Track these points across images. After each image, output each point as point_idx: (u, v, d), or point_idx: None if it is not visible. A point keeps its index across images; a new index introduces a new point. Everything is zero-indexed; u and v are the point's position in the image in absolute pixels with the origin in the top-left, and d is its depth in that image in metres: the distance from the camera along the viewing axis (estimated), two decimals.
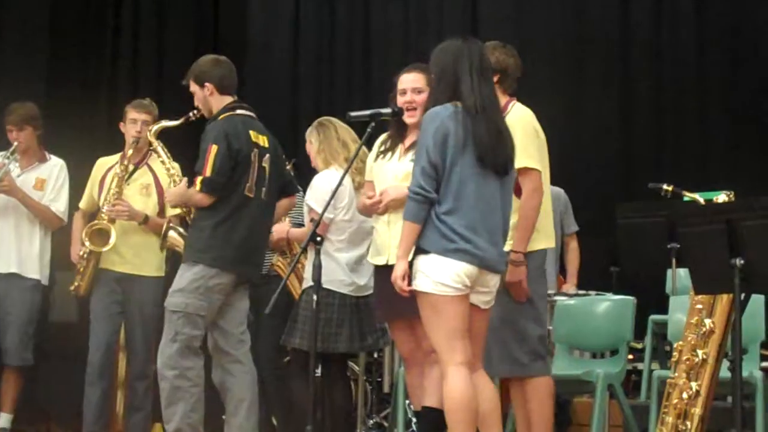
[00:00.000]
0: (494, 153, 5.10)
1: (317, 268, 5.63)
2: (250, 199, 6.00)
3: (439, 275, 4.99)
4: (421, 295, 5.05)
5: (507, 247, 5.33)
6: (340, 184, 5.77)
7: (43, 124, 7.43)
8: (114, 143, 7.45)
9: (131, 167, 7.01)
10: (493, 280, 5.15)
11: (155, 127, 6.85)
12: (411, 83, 5.66)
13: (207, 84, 6.14)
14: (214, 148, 5.89)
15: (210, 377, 6.05)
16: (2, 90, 8.94)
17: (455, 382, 5.00)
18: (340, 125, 6.48)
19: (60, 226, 7.37)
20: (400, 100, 5.66)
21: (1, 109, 7.46)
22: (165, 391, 5.87)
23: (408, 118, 5.64)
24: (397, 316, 5.68)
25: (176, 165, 6.95)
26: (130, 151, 6.98)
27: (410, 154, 5.59)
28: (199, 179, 5.92)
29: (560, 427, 6.84)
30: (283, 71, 10.25)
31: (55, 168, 7.41)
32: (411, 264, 5.08)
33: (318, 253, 5.67)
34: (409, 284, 5.06)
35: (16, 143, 7.25)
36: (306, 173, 6.81)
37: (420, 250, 5.06)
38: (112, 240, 6.85)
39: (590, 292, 7.42)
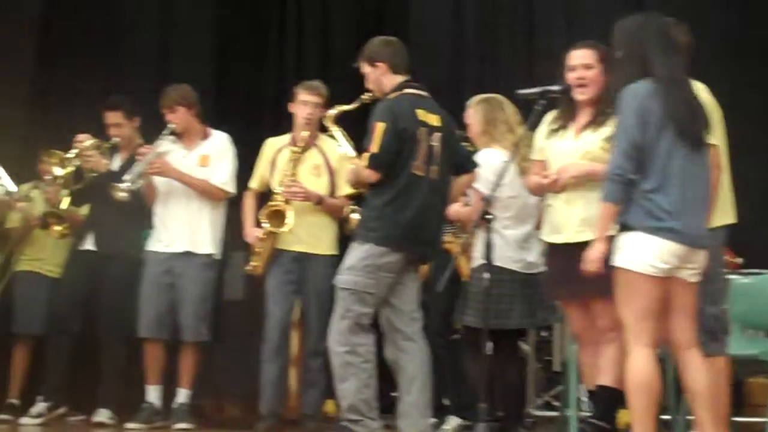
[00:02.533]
0: (692, 127, 5.04)
1: (488, 246, 5.68)
2: (420, 178, 6.03)
3: (644, 254, 4.93)
4: (621, 272, 4.99)
5: None
6: (507, 166, 5.79)
7: (199, 103, 7.52)
8: (280, 122, 7.58)
9: (302, 149, 7.13)
10: (700, 256, 5.06)
11: (333, 112, 6.97)
12: (581, 59, 5.64)
13: (379, 63, 6.19)
14: (380, 126, 5.94)
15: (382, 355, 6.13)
16: (172, 70, 9.21)
17: (639, 362, 4.95)
18: (508, 106, 6.45)
19: (225, 198, 7.46)
20: (571, 77, 5.64)
21: None
22: (336, 367, 5.96)
23: (579, 95, 5.62)
24: (572, 295, 5.68)
25: (347, 145, 7.07)
26: (304, 133, 7.10)
27: (588, 132, 5.59)
28: (366, 155, 5.98)
29: (734, 408, 6.74)
30: (446, 46, 10.22)
31: (215, 143, 7.51)
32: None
33: (488, 231, 5.72)
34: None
35: (171, 125, 7.40)
36: None
37: (624, 228, 5.01)
38: (290, 221, 6.98)
39: (764, 271, 7.28)
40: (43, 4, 9.15)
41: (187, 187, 7.36)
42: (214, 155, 7.47)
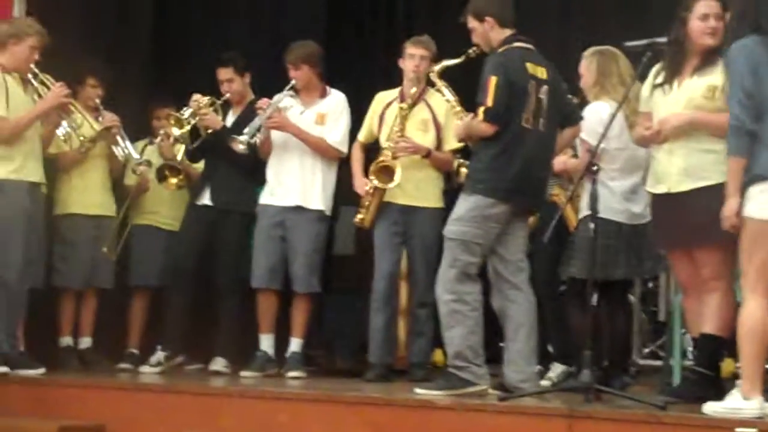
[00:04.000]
0: None
1: (593, 198, 5.77)
2: (528, 131, 6.10)
3: None
4: (750, 222, 5.05)
5: None
6: (614, 117, 5.87)
7: (323, 62, 7.63)
8: (391, 78, 7.69)
9: (411, 104, 7.25)
10: None
11: (438, 67, 7.10)
12: (716, 9, 5.71)
13: (487, 18, 6.24)
14: (493, 80, 6.01)
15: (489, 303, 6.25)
16: (285, 28, 9.37)
17: (754, 311, 5.02)
18: (621, 59, 6.47)
19: (338, 157, 7.58)
20: (701, 25, 5.69)
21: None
22: (444, 315, 6.09)
23: (708, 40, 5.69)
24: (676, 244, 5.76)
25: (454, 99, 7.19)
26: (413, 89, 7.22)
27: (692, 80, 5.68)
28: (481, 109, 6.04)
29: None
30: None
31: (333, 101, 7.60)
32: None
33: (594, 182, 5.82)
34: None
35: (293, 81, 7.52)
36: None
37: (756, 178, 5.06)
38: (398, 177, 7.12)
39: None
40: None
41: (303, 143, 7.50)
42: (330, 114, 7.58)
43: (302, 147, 7.51)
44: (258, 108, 7.48)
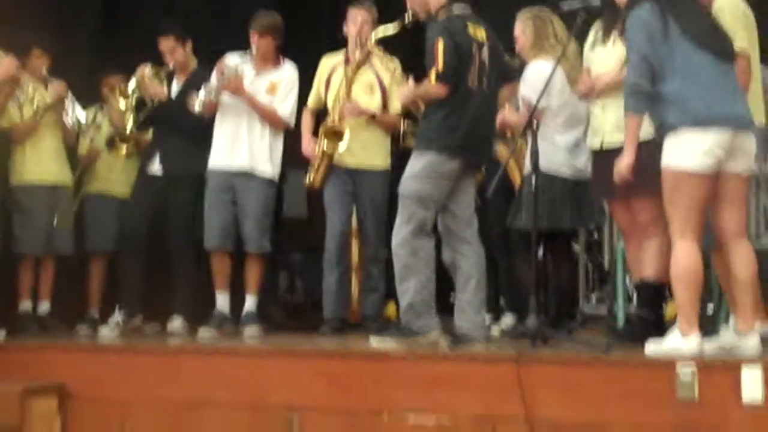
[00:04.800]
0: (708, 37, 5.40)
1: (535, 154, 6.00)
2: (473, 91, 6.32)
3: (691, 150, 5.25)
4: (669, 172, 5.31)
5: None
6: (552, 74, 6.09)
7: (283, 36, 7.72)
8: (338, 42, 7.81)
9: (356, 68, 7.43)
10: (747, 142, 5.36)
11: (374, 35, 7.26)
12: None
13: None
14: (440, 43, 6.20)
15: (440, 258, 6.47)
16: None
17: (685, 255, 5.28)
18: (557, 21, 6.68)
19: (285, 128, 7.71)
20: None
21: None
22: (398, 269, 6.28)
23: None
24: (615, 196, 6.01)
25: (396, 63, 7.37)
26: (357, 53, 7.39)
27: (618, 42, 5.91)
28: (432, 72, 6.24)
29: None
30: None
31: (286, 73, 7.70)
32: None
33: (535, 139, 6.04)
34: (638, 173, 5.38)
35: (254, 47, 7.62)
36: None
37: (668, 128, 5.33)
38: (346, 139, 7.29)
39: None
40: None
41: (253, 111, 7.62)
42: (282, 85, 7.68)
43: (252, 113, 7.62)
44: (218, 70, 7.57)
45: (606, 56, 6.05)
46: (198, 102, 7.48)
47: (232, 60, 7.63)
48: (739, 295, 5.39)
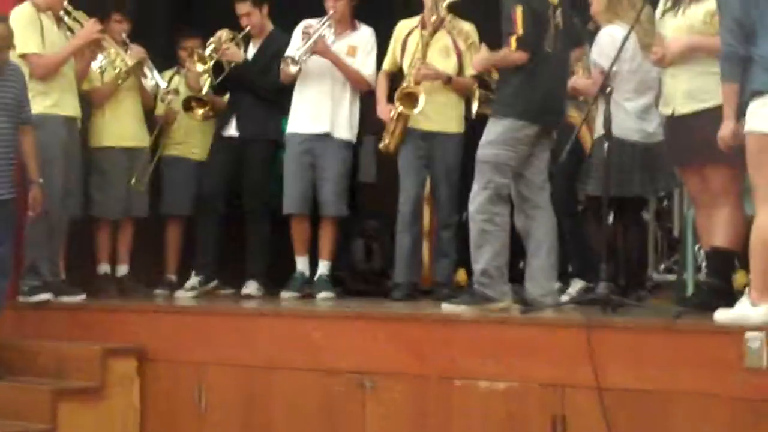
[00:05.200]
0: None
1: (607, 119, 6.02)
2: (550, 54, 6.36)
3: None
4: (754, 137, 5.24)
5: None
6: (626, 39, 6.09)
7: None
8: (411, 7, 7.87)
9: (433, 31, 7.45)
10: None
11: (445, 2, 7.31)
12: None
13: None
14: (519, 9, 6.24)
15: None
16: None
17: (766, 222, 5.24)
18: None
19: (368, 89, 7.79)
20: None
21: None
22: (474, 234, 6.33)
23: None
24: (687, 163, 6.01)
25: (469, 27, 7.40)
26: (433, 17, 7.42)
27: (692, 7, 5.89)
28: (513, 39, 6.26)
29: None
30: None
31: (364, 35, 7.82)
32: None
33: (607, 103, 6.06)
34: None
35: (332, 11, 7.69)
36: None
37: (754, 94, 5.26)
38: (421, 102, 7.33)
39: None
40: None
41: (336, 72, 7.69)
42: (361, 47, 7.79)
43: (333, 76, 7.71)
44: (304, 32, 7.64)
45: (675, 25, 6.02)
46: (294, 62, 7.54)
47: (321, 26, 7.70)
48: None
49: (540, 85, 6.29)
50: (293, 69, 7.59)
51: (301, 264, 7.76)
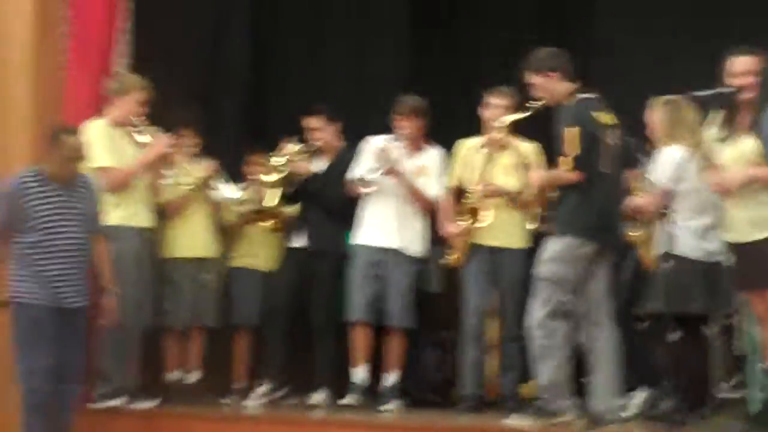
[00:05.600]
0: None
1: (668, 236, 6.13)
2: (605, 174, 6.53)
3: None
4: None
5: None
6: (687, 161, 6.22)
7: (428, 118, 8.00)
8: (472, 126, 8.02)
9: (496, 150, 7.62)
10: None
11: (507, 121, 7.47)
12: (744, 66, 6.09)
13: (552, 73, 6.69)
14: (572, 131, 6.44)
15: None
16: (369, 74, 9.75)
17: None
18: (688, 107, 6.73)
19: (430, 208, 7.94)
20: (734, 82, 6.08)
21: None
22: (535, 350, 6.49)
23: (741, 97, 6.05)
24: (753, 287, 6.10)
25: (529, 147, 7.57)
26: (498, 135, 7.59)
27: (746, 138, 6.05)
28: (566, 160, 6.48)
29: None
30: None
31: (434, 156, 8.01)
32: None
33: (668, 224, 6.18)
34: None
35: (407, 131, 7.89)
36: None
37: None
38: (491, 216, 7.50)
39: None
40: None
41: (406, 191, 7.88)
42: (431, 168, 7.98)
43: (401, 193, 7.90)
44: (380, 155, 7.82)
45: (731, 155, 6.16)
46: (368, 184, 7.75)
47: (378, 143, 7.90)
48: None
49: (596, 204, 6.49)
50: (365, 191, 7.80)
51: (361, 373, 7.84)
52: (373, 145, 7.97)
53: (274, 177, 8.21)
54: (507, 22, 10.04)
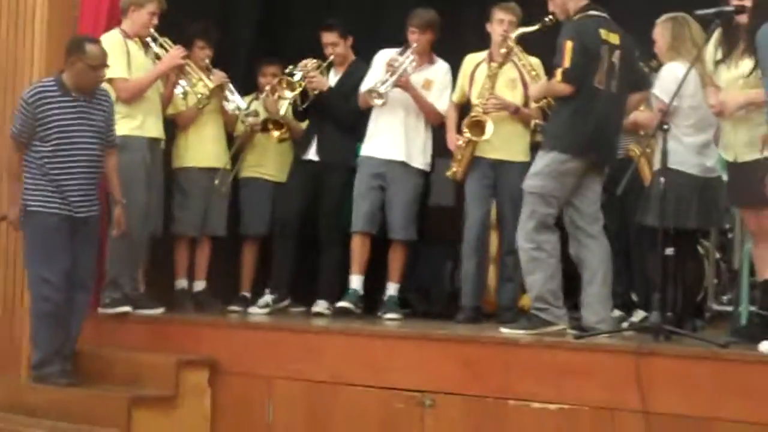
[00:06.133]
0: None
1: (664, 154, 6.23)
2: (601, 91, 6.59)
3: None
4: None
5: None
6: (686, 76, 6.29)
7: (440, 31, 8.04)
8: (482, 41, 8.07)
9: (501, 63, 7.70)
10: None
11: (515, 34, 7.55)
12: None
13: None
14: (569, 44, 6.50)
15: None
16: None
17: None
18: (694, 25, 6.78)
19: (439, 122, 8.04)
20: (733, 2, 6.10)
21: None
22: (524, 262, 6.61)
23: (740, 20, 6.10)
24: (747, 203, 6.20)
25: (536, 61, 7.65)
26: (503, 50, 7.67)
27: (745, 60, 6.10)
28: (559, 71, 6.54)
29: None
30: None
31: (440, 70, 8.08)
32: None
33: (665, 139, 6.26)
34: None
35: (414, 44, 7.93)
36: None
37: None
38: (489, 131, 7.58)
39: None
40: None
41: (412, 102, 7.95)
42: (437, 82, 8.05)
43: (409, 105, 7.97)
44: (389, 65, 7.88)
45: (729, 76, 6.21)
46: (380, 96, 7.81)
47: (389, 55, 7.98)
48: None
49: (588, 121, 6.53)
50: (378, 102, 7.86)
51: (356, 281, 7.99)
52: (384, 57, 8.04)
53: (290, 93, 8.27)
54: None
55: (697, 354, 5.72)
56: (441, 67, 8.12)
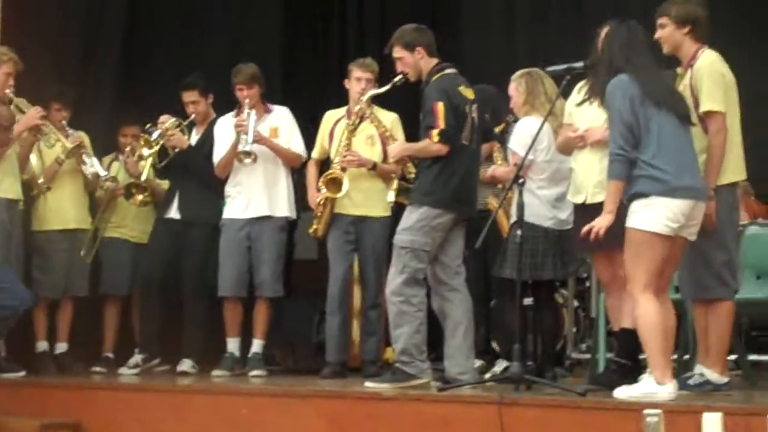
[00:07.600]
0: (675, 105, 5.84)
1: (520, 207, 6.39)
2: (466, 147, 6.77)
3: (658, 215, 5.65)
4: (635, 232, 5.71)
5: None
6: (540, 129, 6.49)
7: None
8: (342, 98, 8.22)
9: (357, 121, 7.80)
10: (701, 211, 5.80)
11: (366, 96, 7.67)
12: None
13: (418, 48, 6.88)
14: (440, 105, 6.67)
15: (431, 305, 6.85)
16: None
17: (649, 308, 5.69)
18: (547, 80, 7.04)
19: (300, 163, 8.12)
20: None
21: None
22: (392, 315, 6.71)
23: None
24: (596, 248, 6.37)
25: (393, 117, 7.80)
26: (357, 107, 7.78)
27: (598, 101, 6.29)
28: (435, 132, 6.67)
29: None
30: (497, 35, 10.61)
31: (281, 115, 8.16)
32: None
33: (521, 192, 6.43)
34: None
35: (247, 100, 7.98)
36: None
37: (637, 195, 5.73)
38: (345, 187, 7.66)
39: None
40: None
41: (271, 154, 8.00)
42: (282, 126, 8.12)
43: (266, 156, 8.00)
44: (238, 126, 7.94)
45: (593, 115, 6.40)
46: (248, 155, 7.85)
47: (230, 122, 8.06)
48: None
49: (455, 176, 6.70)
50: (248, 160, 7.88)
51: (232, 345, 8.03)
52: (224, 124, 8.14)
53: (147, 151, 8.28)
54: None
55: (557, 402, 5.86)
56: (280, 111, 8.21)
